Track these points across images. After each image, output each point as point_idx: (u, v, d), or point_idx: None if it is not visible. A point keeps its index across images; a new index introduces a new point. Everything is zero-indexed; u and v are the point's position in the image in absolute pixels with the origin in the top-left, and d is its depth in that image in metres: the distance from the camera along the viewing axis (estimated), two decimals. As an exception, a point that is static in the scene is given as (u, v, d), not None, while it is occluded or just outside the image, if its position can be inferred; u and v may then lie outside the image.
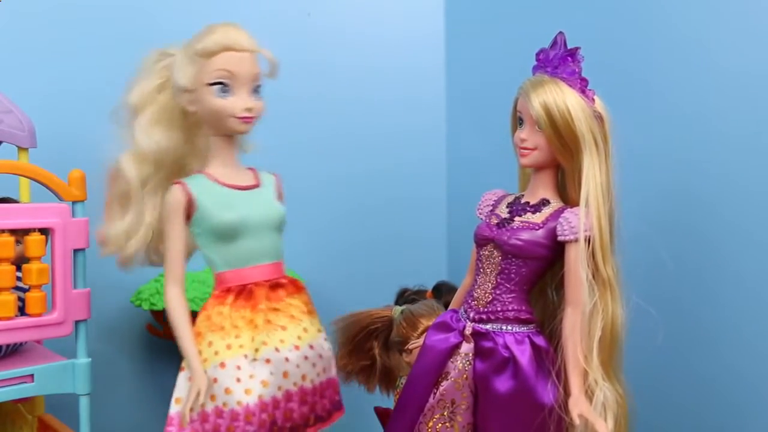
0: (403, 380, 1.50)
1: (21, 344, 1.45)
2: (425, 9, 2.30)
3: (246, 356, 1.22)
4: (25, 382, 1.34)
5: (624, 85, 1.65)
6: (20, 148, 1.53)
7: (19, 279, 1.36)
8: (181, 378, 1.23)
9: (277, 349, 1.24)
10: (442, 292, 1.67)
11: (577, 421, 1.15)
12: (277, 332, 1.26)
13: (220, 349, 1.22)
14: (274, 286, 1.29)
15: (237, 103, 1.24)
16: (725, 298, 1.49)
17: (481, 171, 2.13)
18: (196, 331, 1.24)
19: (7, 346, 1.39)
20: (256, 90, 1.27)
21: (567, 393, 1.20)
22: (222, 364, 1.21)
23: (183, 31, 1.34)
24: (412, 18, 2.28)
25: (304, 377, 1.27)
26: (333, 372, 1.36)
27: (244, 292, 1.26)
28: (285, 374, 1.24)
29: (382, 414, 1.60)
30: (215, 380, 1.20)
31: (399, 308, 1.60)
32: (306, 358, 1.28)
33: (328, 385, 1.33)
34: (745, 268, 1.45)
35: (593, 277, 1.20)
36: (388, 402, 1.60)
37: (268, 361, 1.23)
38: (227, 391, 1.20)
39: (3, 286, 1.30)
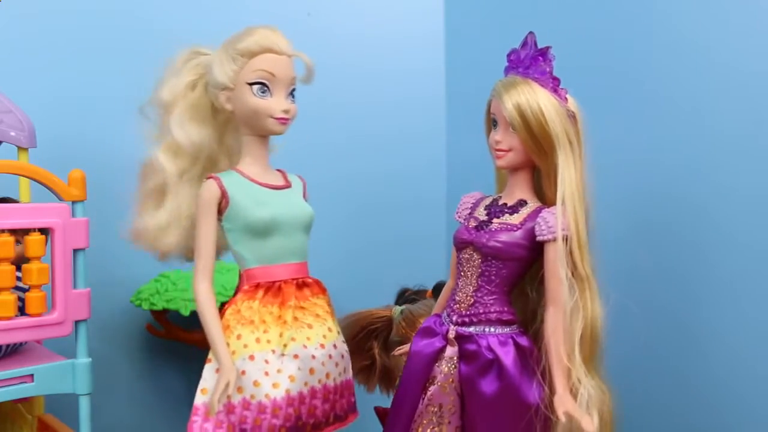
0: (403, 380, 1.50)
1: (21, 344, 1.45)
2: (425, 9, 2.30)
3: (274, 351, 1.24)
4: (25, 382, 1.34)
5: (622, 84, 1.66)
6: (20, 148, 1.53)
7: (19, 279, 1.36)
8: (208, 369, 1.23)
9: (304, 346, 1.26)
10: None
11: (563, 418, 1.15)
12: (303, 330, 1.28)
13: (249, 342, 1.23)
14: (301, 284, 1.32)
15: (275, 104, 1.27)
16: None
17: (481, 172, 2.12)
18: (225, 324, 1.25)
19: (7, 346, 1.39)
20: (291, 93, 1.30)
21: (552, 392, 1.20)
22: (251, 357, 1.22)
23: (184, 32, 1.34)
24: (412, 18, 2.28)
25: (328, 375, 1.29)
26: (350, 374, 1.38)
27: (273, 289, 1.28)
28: (311, 371, 1.26)
29: (382, 414, 1.60)
30: (243, 372, 1.21)
31: (399, 308, 1.60)
32: (330, 356, 1.30)
33: (346, 386, 1.35)
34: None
35: (572, 275, 1.20)
36: (389, 402, 1.60)
37: (295, 356, 1.24)
38: (255, 383, 1.21)
39: (3, 286, 1.30)
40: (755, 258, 1.41)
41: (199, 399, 1.22)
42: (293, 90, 1.31)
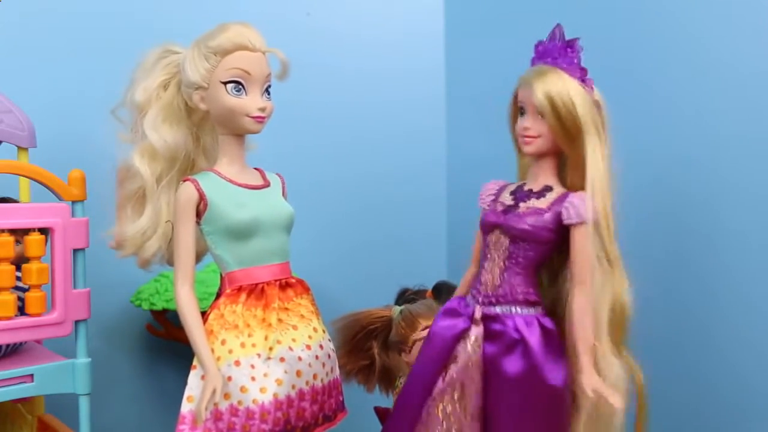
0: (402, 380, 1.50)
1: (21, 344, 1.45)
2: (425, 9, 2.30)
3: (259, 355, 1.22)
4: (25, 382, 1.34)
5: (621, 83, 1.66)
6: (20, 148, 1.53)
7: (18, 279, 1.36)
8: (193, 376, 1.22)
9: (290, 348, 1.25)
10: (442, 292, 1.67)
11: (591, 395, 1.18)
12: (288, 331, 1.26)
13: (234, 347, 1.22)
14: (284, 285, 1.30)
15: (251, 102, 1.24)
16: (719, 293, 1.51)
17: (481, 171, 2.12)
18: (208, 330, 1.23)
19: (7, 346, 1.39)
20: (267, 90, 1.28)
21: (577, 371, 1.22)
22: (237, 362, 1.21)
23: (182, 32, 1.34)
24: (412, 18, 2.28)
25: (315, 376, 1.28)
26: (337, 372, 1.37)
27: (255, 291, 1.26)
28: (298, 373, 1.24)
29: (382, 414, 1.60)
30: (229, 378, 1.20)
31: (398, 308, 1.60)
32: (317, 357, 1.29)
33: (334, 385, 1.34)
34: (742, 262, 1.47)
35: (601, 258, 1.23)
36: (388, 402, 1.60)
37: (282, 359, 1.23)
38: (242, 389, 1.20)
39: (3, 286, 1.30)
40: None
41: (186, 407, 1.20)
42: (268, 87, 1.28)
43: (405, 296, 1.71)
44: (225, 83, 1.23)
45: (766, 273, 1.43)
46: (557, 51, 1.28)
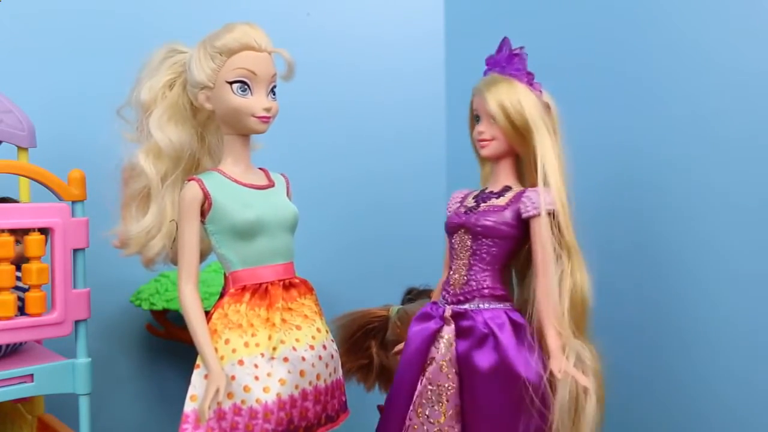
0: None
1: (21, 344, 1.45)
2: (425, 9, 2.30)
3: (263, 355, 1.22)
4: (25, 382, 1.34)
5: (621, 82, 1.67)
6: (20, 148, 1.53)
7: (18, 279, 1.36)
8: (197, 375, 1.22)
9: (294, 348, 1.25)
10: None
11: (560, 377, 1.22)
12: (292, 331, 1.26)
13: (237, 346, 1.22)
14: (288, 285, 1.30)
15: (256, 102, 1.25)
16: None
17: (481, 171, 2.14)
18: (212, 329, 1.23)
19: (7, 346, 1.39)
20: (272, 90, 1.28)
21: (547, 355, 1.27)
22: (240, 362, 1.21)
23: (182, 33, 1.34)
24: (412, 18, 2.28)
25: (318, 377, 1.28)
26: (340, 373, 1.37)
27: (259, 291, 1.26)
28: (302, 373, 1.24)
29: (383, 413, 1.60)
30: (233, 378, 1.20)
31: (396, 307, 1.60)
32: (320, 357, 1.29)
33: (337, 386, 1.34)
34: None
35: (559, 245, 1.29)
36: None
37: (285, 359, 1.23)
38: (246, 388, 1.20)
39: (3, 286, 1.30)
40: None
41: (189, 406, 1.20)
42: (274, 87, 1.28)
43: (412, 295, 1.71)
44: (230, 83, 1.24)
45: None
46: (504, 60, 1.38)
